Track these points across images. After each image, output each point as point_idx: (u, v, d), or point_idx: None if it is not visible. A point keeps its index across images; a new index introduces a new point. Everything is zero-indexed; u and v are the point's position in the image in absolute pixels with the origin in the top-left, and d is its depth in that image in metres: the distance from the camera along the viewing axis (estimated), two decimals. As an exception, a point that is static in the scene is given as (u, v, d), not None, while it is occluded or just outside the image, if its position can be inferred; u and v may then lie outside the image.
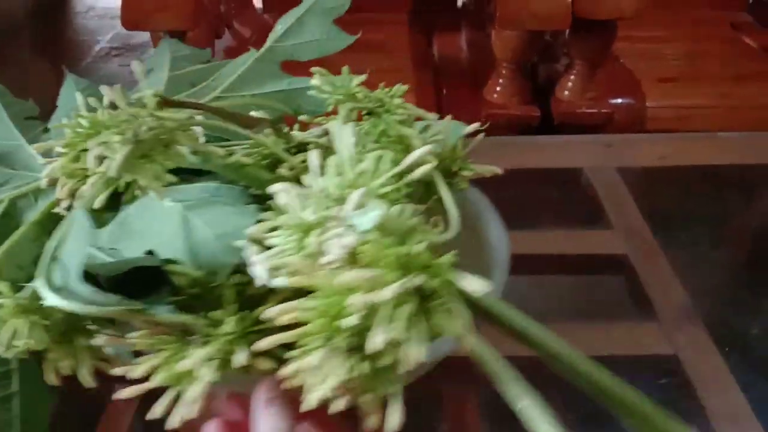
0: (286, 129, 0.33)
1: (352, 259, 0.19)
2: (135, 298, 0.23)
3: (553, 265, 0.52)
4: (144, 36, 1.96)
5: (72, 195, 0.29)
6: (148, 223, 0.29)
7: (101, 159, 0.27)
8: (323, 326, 0.18)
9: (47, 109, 0.40)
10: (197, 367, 0.22)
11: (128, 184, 0.29)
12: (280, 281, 0.20)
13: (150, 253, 0.26)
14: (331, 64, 0.43)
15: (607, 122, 0.94)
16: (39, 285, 0.23)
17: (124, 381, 0.22)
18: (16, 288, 0.25)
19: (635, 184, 0.57)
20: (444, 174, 0.31)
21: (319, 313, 0.18)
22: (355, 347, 0.18)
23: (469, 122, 0.94)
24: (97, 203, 0.28)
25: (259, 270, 0.20)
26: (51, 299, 0.22)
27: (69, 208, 0.29)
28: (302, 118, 0.37)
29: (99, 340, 0.24)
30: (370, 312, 0.18)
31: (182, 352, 0.23)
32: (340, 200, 0.21)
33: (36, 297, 0.24)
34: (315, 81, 0.33)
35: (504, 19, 0.82)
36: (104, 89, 0.29)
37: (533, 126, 0.91)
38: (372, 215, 0.20)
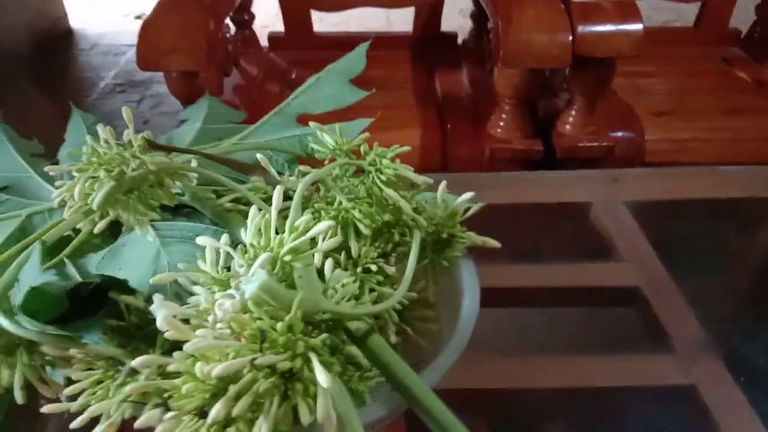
0: (287, 174, 0.35)
1: (233, 324, 0.20)
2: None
3: (566, 298, 0.53)
4: (147, 72, 2.00)
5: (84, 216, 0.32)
6: (132, 254, 0.32)
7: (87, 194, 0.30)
8: (189, 385, 0.19)
9: (52, 146, 0.41)
10: (113, 404, 0.23)
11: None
12: (168, 333, 0.21)
13: (122, 281, 0.29)
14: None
15: (608, 155, 0.96)
16: None
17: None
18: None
19: (642, 217, 0.59)
20: (436, 240, 0.32)
21: (186, 370, 0.19)
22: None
23: (474, 157, 0.96)
24: (97, 229, 0.31)
25: (158, 318, 0.21)
26: (3, 321, 0.25)
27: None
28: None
29: (38, 356, 0.27)
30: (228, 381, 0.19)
31: (109, 379, 0.26)
32: (252, 262, 0.24)
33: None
34: (318, 133, 0.35)
35: (506, 59, 0.85)
36: (99, 128, 0.33)
37: (536, 160, 0.94)
38: (254, 284, 0.21)
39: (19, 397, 0.27)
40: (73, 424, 0.23)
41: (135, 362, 0.20)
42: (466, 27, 1.31)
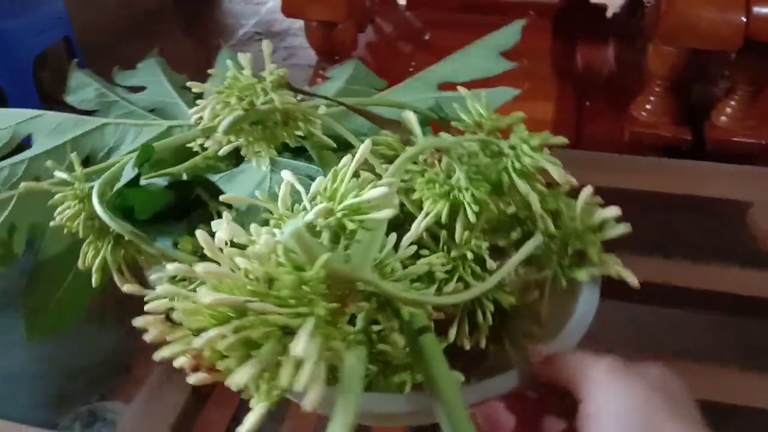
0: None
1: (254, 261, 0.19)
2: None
3: (709, 300, 0.48)
4: (284, 24, 2.04)
5: (207, 136, 0.33)
6: (244, 178, 0.33)
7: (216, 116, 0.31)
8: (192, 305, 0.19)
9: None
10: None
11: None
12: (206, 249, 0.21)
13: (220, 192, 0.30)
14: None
15: (763, 153, 0.86)
16: (95, 192, 0.28)
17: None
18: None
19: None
20: (564, 251, 0.28)
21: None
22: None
23: (612, 138, 0.90)
24: (222, 152, 0.33)
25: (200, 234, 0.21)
26: (96, 206, 0.27)
27: (202, 147, 0.34)
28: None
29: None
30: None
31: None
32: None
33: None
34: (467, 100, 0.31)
35: (667, 35, 0.77)
36: (240, 56, 0.33)
37: (681, 150, 0.86)
38: (288, 228, 0.20)
39: (95, 278, 0.29)
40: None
41: (169, 267, 0.20)
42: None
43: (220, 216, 0.28)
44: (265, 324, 0.18)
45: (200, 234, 0.21)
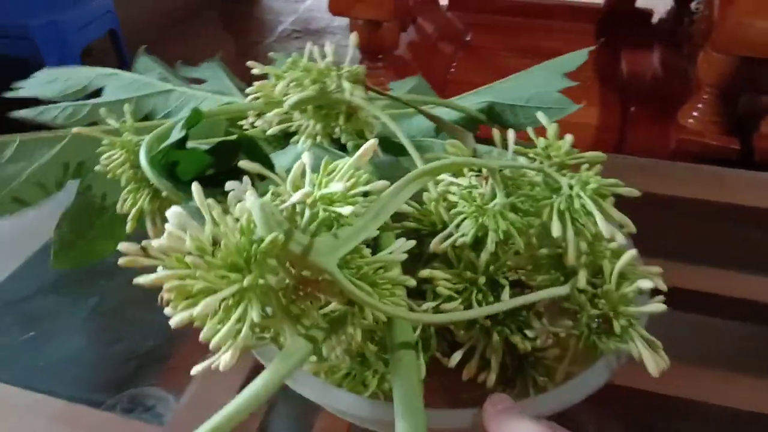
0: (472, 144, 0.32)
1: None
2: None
3: (753, 310, 0.47)
4: (322, 22, 2.06)
5: (258, 115, 0.35)
6: (284, 155, 0.33)
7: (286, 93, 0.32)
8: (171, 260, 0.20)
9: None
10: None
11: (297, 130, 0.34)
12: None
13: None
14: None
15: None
16: (143, 146, 0.29)
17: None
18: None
19: None
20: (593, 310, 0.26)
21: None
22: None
23: (656, 146, 0.88)
24: (271, 131, 0.33)
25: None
26: (142, 159, 0.29)
27: (252, 126, 0.35)
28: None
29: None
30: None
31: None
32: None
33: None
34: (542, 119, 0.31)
35: (718, 43, 0.77)
36: (327, 44, 0.34)
37: (728, 160, 0.84)
38: (250, 199, 0.20)
39: (129, 225, 0.31)
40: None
41: (168, 212, 0.21)
42: (660, 5, 1.20)
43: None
44: (200, 279, 0.19)
45: (195, 187, 0.21)
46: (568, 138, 0.29)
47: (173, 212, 0.20)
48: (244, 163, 0.26)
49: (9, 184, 0.33)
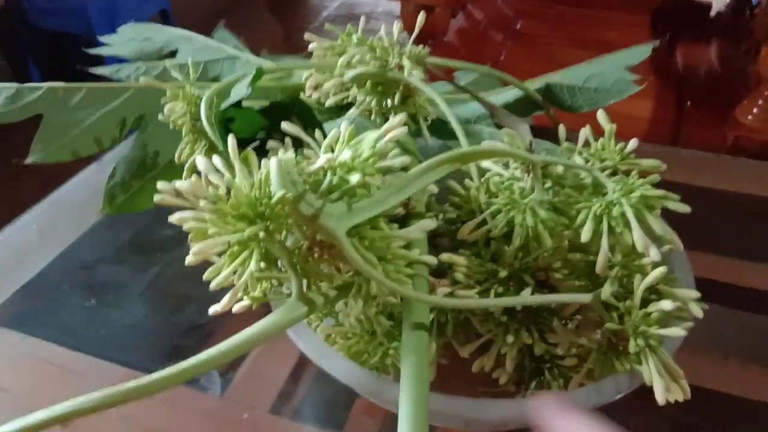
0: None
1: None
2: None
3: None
4: (366, 7, 2.05)
5: (315, 87, 0.35)
6: (332, 125, 0.33)
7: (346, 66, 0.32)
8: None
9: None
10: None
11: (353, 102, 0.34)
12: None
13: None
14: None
15: None
16: (204, 99, 0.29)
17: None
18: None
19: None
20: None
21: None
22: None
23: (713, 142, 0.86)
24: (328, 103, 0.33)
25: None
26: (202, 112, 0.29)
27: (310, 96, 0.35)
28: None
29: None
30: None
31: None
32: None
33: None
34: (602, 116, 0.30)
35: (786, 35, 0.73)
36: (396, 23, 0.34)
37: (787, 158, 0.81)
38: (274, 157, 0.21)
39: (184, 175, 0.31)
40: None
41: (197, 158, 0.22)
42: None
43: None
44: (210, 224, 0.20)
45: (230, 138, 0.22)
46: (632, 143, 0.27)
47: (201, 160, 0.22)
48: (285, 125, 0.26)
49: (71, 131, 0.34)
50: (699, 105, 0.89)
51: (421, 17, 0.35)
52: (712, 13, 1.16)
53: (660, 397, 0.23)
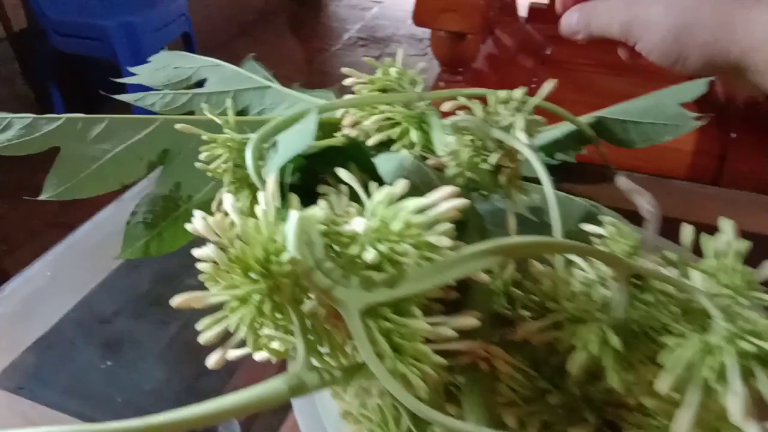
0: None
1: None
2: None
3: None
4: (388, 30, 2.04)
5: (353, 125, 0.33)
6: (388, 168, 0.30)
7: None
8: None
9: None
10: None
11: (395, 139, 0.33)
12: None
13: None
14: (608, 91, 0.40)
15: None
16: (250, 147, 0.27)
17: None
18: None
19: None
20: None
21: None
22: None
23: (760, 176, 0.81)
24: (371, 141, 0.32)
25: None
26: (249, 161, 0.26)
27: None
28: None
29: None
30: None
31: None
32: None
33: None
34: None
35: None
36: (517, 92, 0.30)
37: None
38: (294, 217, 0.19)
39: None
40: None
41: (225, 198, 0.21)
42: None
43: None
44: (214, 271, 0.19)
45: (270, 178, 0.21)
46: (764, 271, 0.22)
47: (228, 198, 0.20)
48: (341, 172, 0.23)
49: (90, 165, 0.30)
50: (744, 136, 0.85)
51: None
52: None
53: None
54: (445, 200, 0.20)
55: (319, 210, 0.21)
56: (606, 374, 0.20)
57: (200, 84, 0.41)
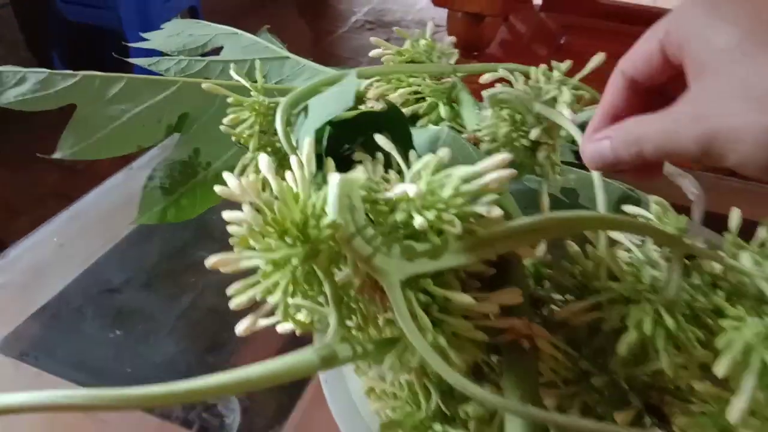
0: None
1: None
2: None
3: None
4: (396, 14, 2.02)
5: (378, 98, 0.32)
6: (421, 140, 0.30)
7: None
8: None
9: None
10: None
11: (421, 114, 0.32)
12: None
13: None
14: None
15: None
16: (279, 112, 0.26)
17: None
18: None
19: None
20: None
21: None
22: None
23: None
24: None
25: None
26: (279, 126, 0.25)
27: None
28: None
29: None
30: None
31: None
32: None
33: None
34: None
35: None
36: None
37: None
38: (336, 180, 0.19)
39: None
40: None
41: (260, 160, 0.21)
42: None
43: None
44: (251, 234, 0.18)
45: (307, 140, 0.20)
46: None
47: (264, 159, 0.20)
48: (378, 137, 0.22)
49: (108, 125, 0.29)
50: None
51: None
52: None
53: None
54: (494, 170, 0.19)
55: (361, 174, 0.20)
56: (658, 356, 0.19)
57: (216, 52, 0.39)
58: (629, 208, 0.25)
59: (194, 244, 0.41)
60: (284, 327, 0.22)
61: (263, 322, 0.22)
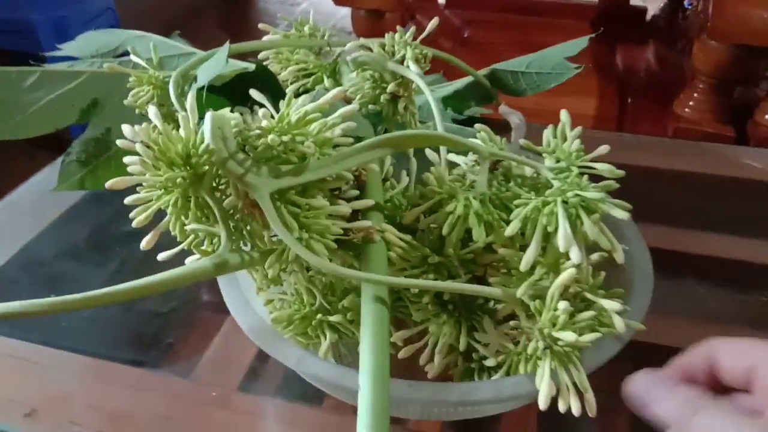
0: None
1: None
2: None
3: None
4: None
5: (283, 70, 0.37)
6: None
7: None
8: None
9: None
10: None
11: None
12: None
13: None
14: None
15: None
16: (172, 82, 0.30)
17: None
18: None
19: None
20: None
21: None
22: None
23: (655, 135, 0.90)
24: (288, 91, 0.34)
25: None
26: (172, 94, 0.29)
27: None
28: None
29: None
30: None
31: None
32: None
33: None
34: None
35: (716, 31, 0.78)
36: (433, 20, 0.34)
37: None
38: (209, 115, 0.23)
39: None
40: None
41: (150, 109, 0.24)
42: (653, 3, 1.22)
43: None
44: (142, 165, 0.23)
45: (190, 94, 0.24)
46: (576, 131, 0.27)
47: (152, 109, 0.24)
48: (252, 92, 0.27)
49: (26, 110, 0.33)
50: (640, 102, 0.93)
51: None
52: (648, 16, 1.22)
53: (542, 403, 0.22)
54: (330, 98, 0.25)
55: (230, 113, 0.25)
56: (474, 233, 0.25)
57: (127, 54, 0.43)
58: (459, 133, 0.31)
59: (118, 221, 0.46)
60: (191, 258, 0.27)
61: (173, 251, 0.27)
